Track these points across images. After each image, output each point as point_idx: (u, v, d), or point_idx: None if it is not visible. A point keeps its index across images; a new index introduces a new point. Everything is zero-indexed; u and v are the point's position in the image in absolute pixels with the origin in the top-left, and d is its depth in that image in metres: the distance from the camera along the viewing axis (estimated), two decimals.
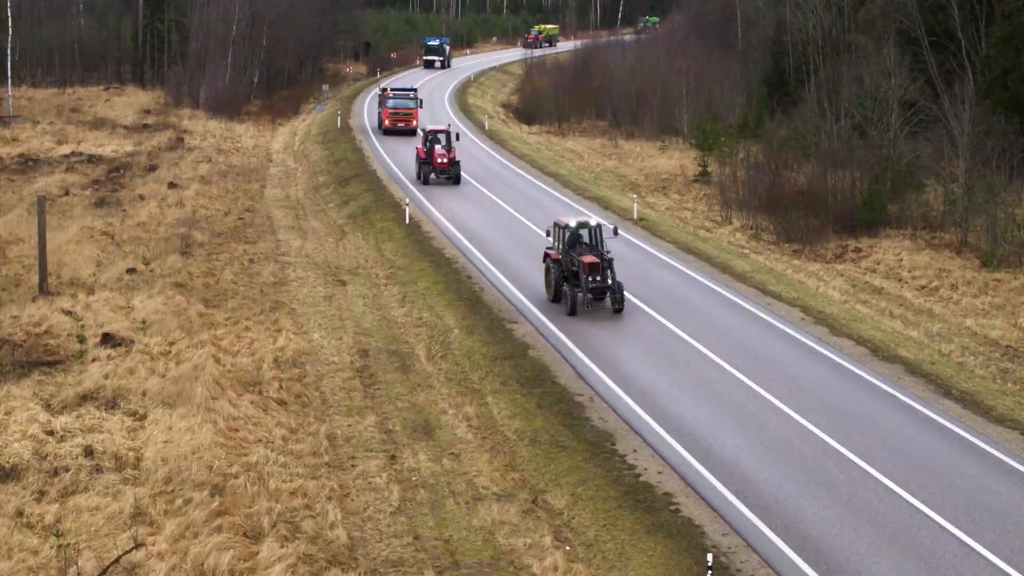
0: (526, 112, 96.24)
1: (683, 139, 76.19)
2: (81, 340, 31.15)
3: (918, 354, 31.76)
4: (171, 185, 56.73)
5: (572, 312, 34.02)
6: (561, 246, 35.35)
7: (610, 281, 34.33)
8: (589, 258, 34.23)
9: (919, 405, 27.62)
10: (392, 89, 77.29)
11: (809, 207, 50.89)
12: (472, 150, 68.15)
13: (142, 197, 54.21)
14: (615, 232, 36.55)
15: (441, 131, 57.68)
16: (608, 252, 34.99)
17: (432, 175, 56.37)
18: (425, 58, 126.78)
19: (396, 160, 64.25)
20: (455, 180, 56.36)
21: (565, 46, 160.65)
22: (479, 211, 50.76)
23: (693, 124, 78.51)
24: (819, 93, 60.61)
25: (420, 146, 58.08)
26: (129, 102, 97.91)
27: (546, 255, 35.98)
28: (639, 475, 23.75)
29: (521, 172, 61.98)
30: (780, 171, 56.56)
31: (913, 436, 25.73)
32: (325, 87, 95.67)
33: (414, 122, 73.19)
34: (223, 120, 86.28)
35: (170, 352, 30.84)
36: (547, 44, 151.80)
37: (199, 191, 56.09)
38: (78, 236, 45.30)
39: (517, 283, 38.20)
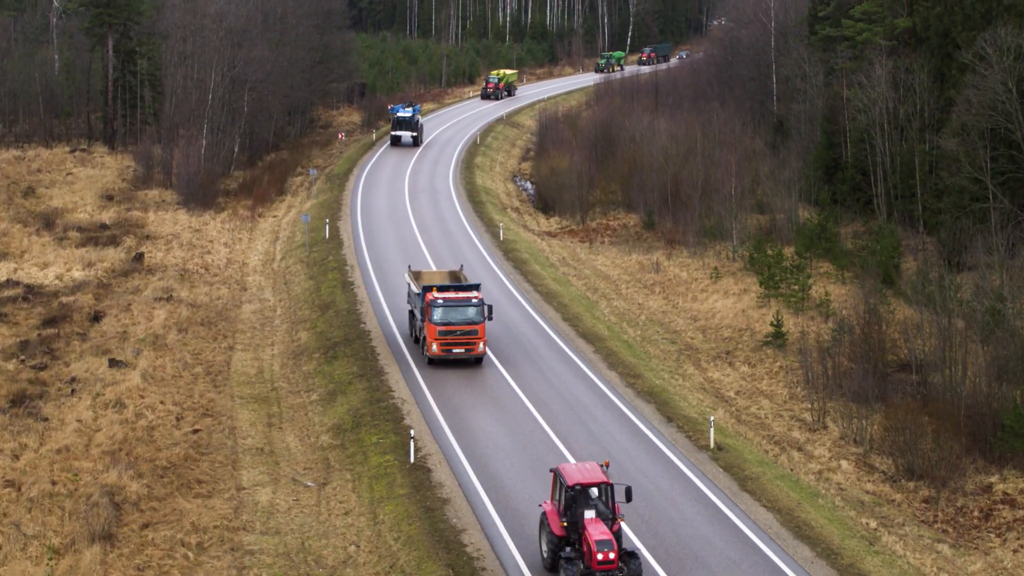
0: (543, 195, 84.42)
1: (733, 251, 64.55)
2: None
3: None
4: (113, 362, 45.17)
5: None
6: None
7: None
8: None
9: None
10: (439, 289, 45.40)
11: (931, 414, 39.52)
12: (484, 280, 56.29)
13: (73, 389, 42.74)
14: None
15: (594, 483, 29.18)
16: None
17: None
18: (393, 133, 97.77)
19: (397, 316, 52.74)
20: None
21: (576, 81, 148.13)
22: (506, 431, 38.80)
23: (743, 228, 67.10)
24: (933, 246, 49.06)
25: (549, 506, 29.98)
26: (93, 177, 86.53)
27: None
28: None
29: (549, 331, 49.25)
30: (879, 344, 45.18)
31: None
32: (312, 171, 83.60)
33: (481, 344, 44.87)
34: (195, 211, 74.74)
35: None
36: (506, 94, 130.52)
37: (148, 370, 44.52)
38: None
39: None
